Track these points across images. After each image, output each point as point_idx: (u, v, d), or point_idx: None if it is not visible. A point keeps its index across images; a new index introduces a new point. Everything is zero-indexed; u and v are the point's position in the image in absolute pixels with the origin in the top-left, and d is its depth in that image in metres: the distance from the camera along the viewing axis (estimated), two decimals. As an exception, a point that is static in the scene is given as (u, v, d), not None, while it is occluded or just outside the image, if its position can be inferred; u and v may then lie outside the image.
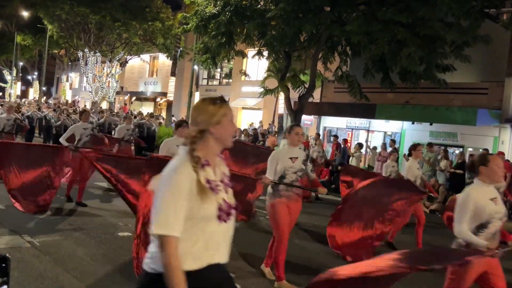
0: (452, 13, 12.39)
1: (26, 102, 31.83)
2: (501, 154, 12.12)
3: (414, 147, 7.56)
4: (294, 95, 16.69)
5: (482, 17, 12.72)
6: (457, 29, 12.52)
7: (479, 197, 3.52)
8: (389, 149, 14.46)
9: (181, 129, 6.34)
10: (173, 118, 23.80)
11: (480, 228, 3.51)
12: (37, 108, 21.43)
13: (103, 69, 31.92)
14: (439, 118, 15.30)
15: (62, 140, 8.09)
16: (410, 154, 7.57)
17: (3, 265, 1.23)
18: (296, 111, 16.16)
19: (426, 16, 12.28)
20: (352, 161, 15.40)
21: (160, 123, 22.24)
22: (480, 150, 13.67)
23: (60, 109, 21.41)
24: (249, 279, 5.26)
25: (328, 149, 17.84)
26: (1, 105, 19.16)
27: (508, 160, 12.12)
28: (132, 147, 13.14)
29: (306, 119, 19.26)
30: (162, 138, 15.65)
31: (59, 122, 14.85)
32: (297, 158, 4.95)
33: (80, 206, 8.12)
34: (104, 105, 33.48)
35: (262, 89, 17.59)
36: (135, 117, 23.08)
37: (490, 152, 13.23)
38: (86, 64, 31.57)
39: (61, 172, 7.61)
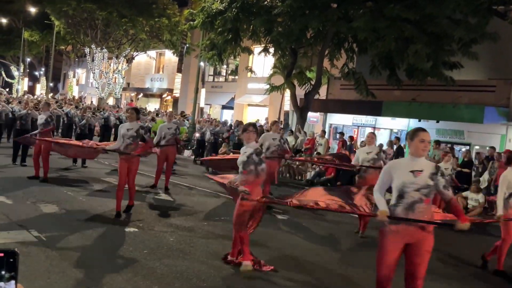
0: (460, 10, 12.34)
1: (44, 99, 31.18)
2: (509, 152, 12.01)
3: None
4: (300, 92, 16.68)
5: (490, 14, 12.65)
6: (464, 26, 12.46)
7: None
8: (394, 147, 14.42)
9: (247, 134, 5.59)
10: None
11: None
12: (57, 106, 20.57)
13: (110, 65, 32.03)
14: (446, 116, 15.23)
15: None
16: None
17: (11, 259, 1.24)
18: (302, 108, 16.15)
19: (433, 13, 12.23)
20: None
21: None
22: (487, 148, 13.60)
23: (83, 106, 19.84)
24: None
25: (334, 146, 17.81)
26: (19, 102, 18.62)
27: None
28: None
29: (312, 116, 19.23)
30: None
31: (84, 121, 14.11)
32: (421, 171, 3.79)
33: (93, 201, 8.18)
34: (111, 101, 33.60)
35: (268, 86, 17.58)
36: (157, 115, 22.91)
37: (497, 150, 13.15)
38: (92, 60, 31.69)
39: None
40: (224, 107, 29.49)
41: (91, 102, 34.29)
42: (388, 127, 18.16)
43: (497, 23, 13.38)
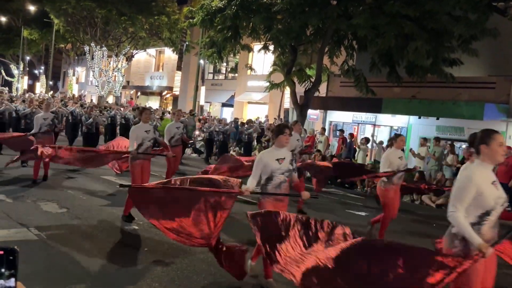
0: (460, 7, 12.31)
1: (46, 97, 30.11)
2: (509, 149, 12.02)
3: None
4: (300, 89, 16.66)
5: (490, 10, 12.62)
6: (464, 23, 12.43)
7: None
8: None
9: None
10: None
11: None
12: (62, 104, 19.83)
13: (109, 63, 32.01)
14: (446, 113, 15.21)
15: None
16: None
17: (11, 257, 1.24)
18: (302, 106, 16.14)
19: (433, 9, 12.20)
20: (359, 155, 15.37)
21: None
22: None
23: (89, 105, 19.26)
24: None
25: (334, 143, 17.81)
26: (23, 101, 18.09)
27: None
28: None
29: (312, 113, 19.21)
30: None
31: (90, 119, 13.85)
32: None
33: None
34: (110, 100, 33.59)
35: (268, 84, 17.57)
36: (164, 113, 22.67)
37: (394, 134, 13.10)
38: (92, 59, 31.67)
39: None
40: (224, 105, 29.48)
41: (91, 100, 34.24)
42: (388, 124, 18.15)
43: (497, 19, 13.34)
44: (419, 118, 16.38)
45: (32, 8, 36.17)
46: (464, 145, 15.02)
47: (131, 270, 4.96)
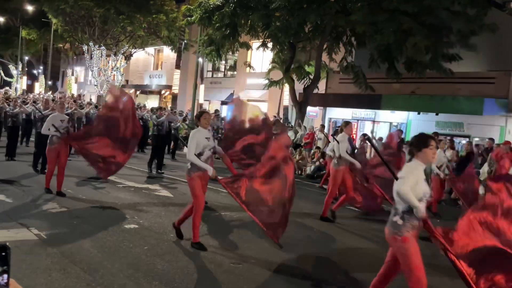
0: (458, 2, 12.30)
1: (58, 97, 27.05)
2: (508, 143, 12.02)
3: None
4: (299, 86, 16.65)
5: (488, 5, 12.61)
6: (463, 18, 12.42)
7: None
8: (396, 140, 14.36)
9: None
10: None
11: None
12: (78, 106, 17.25)
13: (108, 62, 31.95)
14: (445, 108, 15.21)
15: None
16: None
17: (3, 253, 1.24)
18: (301, 103, 16.14)
19: (432, 5, 12.18)
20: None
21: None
22: (486, 139, 13.58)
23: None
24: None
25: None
26: (34, 102, 16.91)
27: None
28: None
29: (311, 110, 19.21)
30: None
31: None
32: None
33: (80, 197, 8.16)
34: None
35: (267, 81, 17.55)
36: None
37: (497, 142, 13.15)
38: (91, 58, 31.62)
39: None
40: (223, 103, 29.46)
41: (90, 99, 34.21)
42: (388, 120, 18.14)
43: (495, 14, 13.33)
44: (419, 114, 16.37)
45: (30, 8, 36.11)
46: (464, 141, 15.02)
47: (131, 269, 4.95)
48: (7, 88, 31.26)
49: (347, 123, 8.48)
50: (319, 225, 7.76)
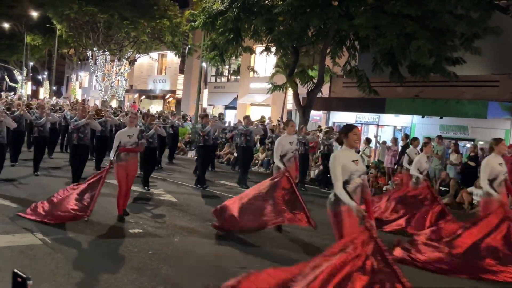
0: (462, 5, 12.27)
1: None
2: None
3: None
4: (303, 90, 16.65)
5: (492, 8, 12.58)
6: (466, 21, 12.39)
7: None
8: (400, 143, 14.36)
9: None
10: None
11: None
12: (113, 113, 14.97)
13: (112, 67, 32.09)
14: (450, 112, 15.15)
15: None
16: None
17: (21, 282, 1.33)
18: (304, 107, 16.12)
19: (435, 8, 12.16)
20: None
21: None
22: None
23: (146, 113, 14.73)
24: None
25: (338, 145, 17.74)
26: (59, 109, 15.85)
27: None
28: None
29: (315, 114, 19.19)
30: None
31: (152, 131, 10.40)
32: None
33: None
34: (114, 104, 33.68)
35: (270, 85, 17.57)
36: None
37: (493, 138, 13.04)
38: (95, 63, 31.77)
39: None
40: (227, 107, 29.50)
41: (94, 104, 34.37)
42: (392, 124, 18.10)
43: (499, 17, 13.29)
44: (423, 117, 16.33)
45: (34, 14, 36.33)
46: (468, 144, 14.96)
47: (135, 273, 4.95)
48: (21, 94, 30.98)
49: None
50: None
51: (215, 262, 5.55)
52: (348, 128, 4.58)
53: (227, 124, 18.86)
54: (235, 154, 15.69)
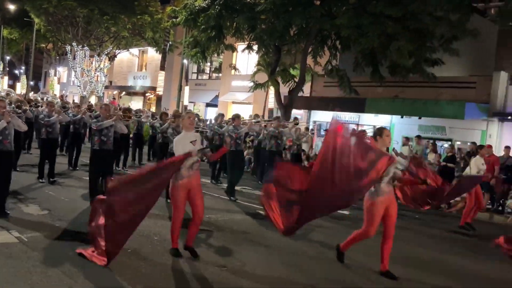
0: (442, 7, 12.47)
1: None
2: (489, 147, 12.22)
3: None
4: (284, 89, 16.69)
5: (470, 11, 12.82)
6: (446, 23, 12.60)
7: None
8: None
9: None
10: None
11: None
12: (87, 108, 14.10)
13: (92, 63, 31.61)
14: (428, 112, 15.38)
15: None
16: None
17: None
18: (286, 106, 16.17)
19: (416, 10, 12.33)
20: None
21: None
22: (468, 143, 13.79)
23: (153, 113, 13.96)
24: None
25: (318, 143, 17.86)
26: (63, 107, 13.78)
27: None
28: None
29: (296, 113, 19.25)
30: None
31: (167, 127, 9.89)
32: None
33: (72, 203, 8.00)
34: (93, 100, 33.20)
35: (252, 84, 17.55)
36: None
37: (478, 145, 13.34)
38: (74, 58, 31.24)
39: None
40: (208, 104, 29.39)
41: (73, 100, 33.81)
42: (371, 123, 18.28)
43: (477, 20, 13.56)
44: (402, 117, 16.54)
45: (12, 7, 35.51)
46: (446, 144, 15.22)
47: (112, 271, 4.89)
48: (31, 96, 29.60)
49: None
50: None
51: (194, 261, 5.51)
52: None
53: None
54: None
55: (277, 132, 10.97)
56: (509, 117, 14.96)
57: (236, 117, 10.28)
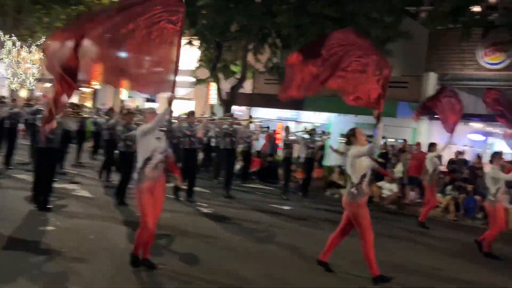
0: (376, 9, 12.99)
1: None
2: (418, 144, 12.93)
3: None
4: (226, 85, 16.68)
5: (403, 14, 13.45)
6: (380, 25, 13.14)
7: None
8: (318, 138, 14.77)
9: None
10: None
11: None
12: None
13: (21, 54, 29.90)
14: (363, 110, 15.81)
15: None
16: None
17: None
18: (227, 102, 16.18)
19: (353, 10, 12.75)
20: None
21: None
22: (399, 141, 14.48)
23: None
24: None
25: (261, 140, 18.01)
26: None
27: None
28: None
29: (238, 110, 19.29)
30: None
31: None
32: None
33: None
34: (23, 94, 31.44)
35: (193, 79, 17.40)
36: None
37: (409, 142, 14.06)
38: (2, 48, 29.42)
39: None
40: (147, 100, 28.74)
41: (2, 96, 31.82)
42: (311, 121, 18.70)
43: (409, 23, 14.23)
44: (339, 115, 17.06)
45: None
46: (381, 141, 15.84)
47: (48, 273, 4.70)
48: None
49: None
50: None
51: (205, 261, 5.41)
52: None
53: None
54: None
55: (231, 129, 10.68)
56: (437, 116, 15.85)
57: (191, 114, 10.00)
